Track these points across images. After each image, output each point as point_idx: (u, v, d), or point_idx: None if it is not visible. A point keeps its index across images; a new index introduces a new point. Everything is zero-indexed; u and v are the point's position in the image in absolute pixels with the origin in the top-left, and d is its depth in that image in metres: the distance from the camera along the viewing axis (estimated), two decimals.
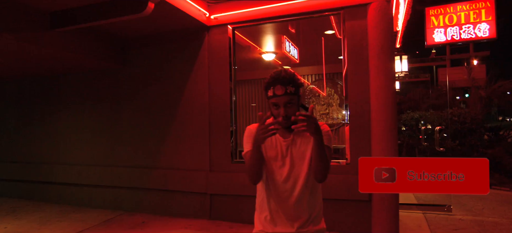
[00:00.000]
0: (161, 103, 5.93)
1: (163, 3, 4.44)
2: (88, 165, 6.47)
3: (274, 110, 1.89)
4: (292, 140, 1.94)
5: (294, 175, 1.93)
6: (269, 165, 1.94)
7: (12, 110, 7.55)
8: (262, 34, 6.90)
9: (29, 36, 4.58)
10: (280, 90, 1.82)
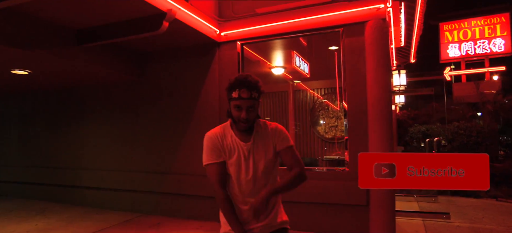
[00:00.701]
0: (175, 113, 6.40)
1: (177, 22, 4.93)
2: (110, 170, 6.97)
3: (235, 112, 1.98)
4: (253, 143, 2.06)
5: (256, 174, 2.05)
6: (232, 168, 2.05)
7: (41, 119, 8.20)
8: (271, 49, 7.31)
9: (58, 51, 5.15)
10: (246, 93, 1.90)
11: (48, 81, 7.11)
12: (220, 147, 2.06)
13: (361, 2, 5.16)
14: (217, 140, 2.07)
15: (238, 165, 2.05)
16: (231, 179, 2.08)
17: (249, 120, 1.99)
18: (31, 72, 5.98)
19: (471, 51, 18.12)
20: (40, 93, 8.16)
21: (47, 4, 4.28)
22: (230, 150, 2.06)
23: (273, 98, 10.13)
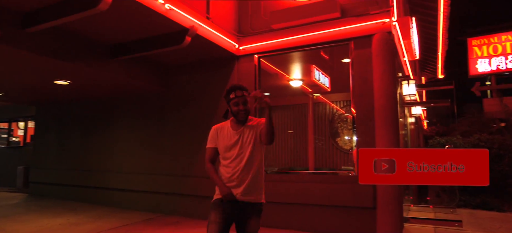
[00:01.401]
0: (197, 120, 6.91)
1: (198, 37, 5.48)
2: (135, 173, 7.57)
3: (234, 107, 2.75)
4: (242, 131, 2.79)
5: (241, 154, 2.74)
6: (225, 150, 2.79)
7: (77, 126, 9.00)
8: (289, 62, 7.72)
9: (95, 64, 5.82)
10: (239, 92, 2.73)
11: (85, 91, 7.86)
12: (215, 137, 2.88)
13: (368, 17, 5.52)
14: (215, 132, 2.91)
15: (231, 146, 2.78)
16: (224, 160, 2.80)
17: (246, 110, 2.75)
18: (70, 82, 6.72)
19: (502, 66, 17.67)
20: (77, 102, 8.97)
21: (87, 23, 4.93)
22: (224, 138, 2.82)
23: (293, 110, 10.47)
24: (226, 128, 2.84)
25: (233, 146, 2.76)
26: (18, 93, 8.64)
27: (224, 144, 2.80)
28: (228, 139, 2.79)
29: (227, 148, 2.78)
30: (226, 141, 2.80)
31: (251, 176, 2.73)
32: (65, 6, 4.40)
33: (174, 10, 4.84)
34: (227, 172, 2.75)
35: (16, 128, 13.06)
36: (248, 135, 2.77)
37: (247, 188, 2.72)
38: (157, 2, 4.59)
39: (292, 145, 10.09)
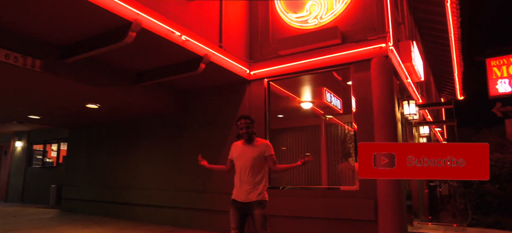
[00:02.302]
0: (213, 140, 7.48)
1: (212, 64, 6.13)
2: (157, 190, 8.17)
3: (240, 131, 3.89)
4: (248, 148, 3.89)
5: (245, 165, 3.83)
6: (236, 161, 3.94)
7: (104, 146, 9.78)
8: (299, 85, 8.24)
9: (121, 89, 6.56)
10: (243, 120, 3.88)
11: (112, 114, 8.64)
12: (233, 151, 4.05)
13: (366, 42, 6.01)
14: (232, 147, 4.09)
15: (239, 158, 3.92)
16: (236, 169, 3.95)
17: (248, 133, 3.88)
18: (100, 106, 7.50)
19: None
20: (105, 125, 9.79)
21: (115, 53, 5.67)
22: (237, 152, 3.98)
23: (306, 132, 10.85)
24: (239, 145, 3.98)
25: (240, 158, 3.89)
26: (54, 116, 9.55)
27: (235, 156, 3.96)
28: (238, 153, 3.94)
29: (236, 159, 3.93)
30: (236, 154, 3.95)
31: (252, 183, 3.79)
32: (97, 40, 5.16)
33: (189, 40, 5.52)
34: (236, 178, 3.90)
35: (50, 150, 14.11)
36: (253, 152, 3.84)
37: (249, 191, 3.77)
38: (174, 35, 5.28)
39: (306, 165, 10.43)
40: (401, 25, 8.01)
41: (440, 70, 16.80)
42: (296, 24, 6.83)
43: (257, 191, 3.75)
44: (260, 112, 6.98)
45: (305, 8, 6.76)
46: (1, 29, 4.87)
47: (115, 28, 4.82)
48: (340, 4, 6.37)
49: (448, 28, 11.52)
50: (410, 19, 10.11)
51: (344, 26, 6.31)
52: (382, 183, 5.54)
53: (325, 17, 6.50)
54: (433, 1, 10.14)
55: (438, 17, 11.04)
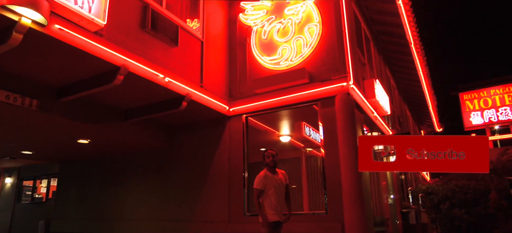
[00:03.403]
0: (196, 172, 8.03)
1: (193, 102, 6.81)
2: (144, 220, 8.59)
3: (267, 159, 4.70)
4: (278, 178, 4.69)
5: (280, 193, 4.64)
6: (270, 190, 4.59)
7: (94, 180, 10.23)
8: (278, 120, 8.90)
9: (111, 125, 7.16)
10: (270, 151, 4.74)
11: (102, 149, 9.18)
12: (264, 181, 4.62)
13: (331, 81, 6.78)
14: (264, 178, 4.64)
15: (273, 188, 4.62)
16: (268, 196, 4.59)
17: (274, 162, 4.71)
18: (90, 141, 8.06)
19: (494, 118, 18.53)
20: (95, 159, 10.28)
21: (105, 94, 6.31)
22: (268, 181, 4.63)
23: (288, 164, 11.46)
24: (269, 175, 4.66)
25: (275, 186, 4.62)
26: (46, 151, 10.04)
27: (273, 185, 4.61)
28: (274, 182, 4.63)
29: (270, 187, 4.60)
30: (273, 183, 4.62)
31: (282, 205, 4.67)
32: (89, 82, 5.82)
33: (172, 82, 6.22)
34: (271, 202, 4.57)
35: (39, 186, 14.39)
36: (283, 181, 4.74)
37: (280, 212, 4.63)
38: (158, 77, 5.98)
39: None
40: (366, 65, 8.88)
41: (416, 104, 17.75)
42: (270, 65, 7.61)
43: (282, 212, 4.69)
44: (239, 146, 7.60)
45: (278, 51, 7.57)
46: (2, 72, 5.51)
47: (105, 71, 5.50)
48: (308, 48, 7.19)
49: (416, 66, 12.45)
50: (379, 59, 11.03)
51: (311, 68, 7.10)
52: (348, 208, 6.11)
53: (295, 59, 7.29)
54: (399, 42, 11.10)
55: (406, 56, 12.00)
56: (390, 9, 9.19)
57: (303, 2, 7.46)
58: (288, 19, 7.55)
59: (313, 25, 7.22)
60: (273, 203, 4.52)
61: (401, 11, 8.90)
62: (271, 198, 4.55)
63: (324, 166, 6.66)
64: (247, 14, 8.09)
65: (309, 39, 7.20)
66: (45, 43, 4.70)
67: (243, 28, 8.23)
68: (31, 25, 4.26)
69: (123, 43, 5.53)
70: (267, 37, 7.76)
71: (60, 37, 4.61)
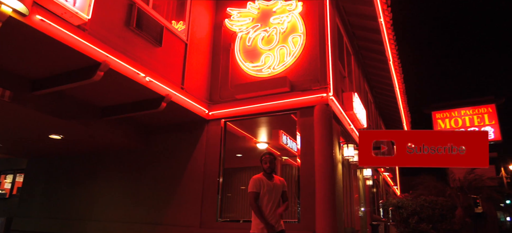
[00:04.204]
0: (170, 174, 7.94)
1: (173, 103, 6.75)
2: (113, 222, 8.37)
3: (264, 165, 4.39)
4: (274, 184, 4.38)
5: (275, 199, 4.33)
6: (265, 196, 4.27)
7: (63, 178, 9.90)
8: (257, 126, 8.95)
9: (86, 122, 6.98)
10: (268, 155, 4.45)
11: (74, 146, 8.91)
12: (259, 185, 4.31)
13: (311, 91, 6.90)
14: (258, 181, 4.32)
15: (267, 194, 4.30)
16: (263, 202, 4.27)
17: (271, 168, 4.41)
18: (63, 137, 7.82)
19: None
20: (66, 156, 9.97)
21: (83, 89, 6.16)
22: (263, 186, 4.32)
23: None
24: (264, 180, 4.35)
25: (271, 192, 4.30)
26: (14, 145, 9.66)
27: (265, 190, 4.28)
28: (267, 187, 4.31)
29: (268, 193, 4.28)
30: (266, 188, 4.30)
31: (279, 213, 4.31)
32: (67, 76, 5.68)
33: (153, 81, 6.16)
34: (268, 208, 4.25)
35: (4, 181, 13.79)
36: (279, 185, 4.43)
37: (279, 219, 4.31)
38: (139, 76, 5.91)
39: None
40: (346, 78, 9.10)
41: (391, 119, 18.27)
42: (252, 72, 7.66)
43: (281, 220, 4.38)
44: (216, 150, 7.58)
45: (261, 59, 7.64)
46: None
47: (85, 66, 5.39)
48: (290, 58, 7.30)
49: (393, 83, 12.86)
50: (358, 73, 11.33)
51: (293, 77, 7.20)
52: (320, 218, 6.20)
53: (277, 67, 7.38)
54: (379, 58, 11.45)
55: (384, 73, 12.38)
56: (372, 26, 9.48)
57: (289, 12, 7.59)
58: (273, 28, 7.65)
59: (297, 35, 7.34)
60: (265, 211, 4.23)
61: (382, 29, 9.20)
62: (263, 204, 4.25)
63: (299, 175, 6.74)
64: (233, 20, 8.14)
65: (292, 48, 7.31)
66: (25, 34, 4.56)
67: (228, 34, 8.26)
68: (11, 14, 4.13)
69: (106, 39, 5.44)
70: (251, 44, 7.83)
71: (41, 28, 4.48)
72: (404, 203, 10.31)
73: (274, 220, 4.23)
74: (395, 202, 10.47)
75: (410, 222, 9.86)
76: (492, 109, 19.30)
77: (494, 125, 19.03)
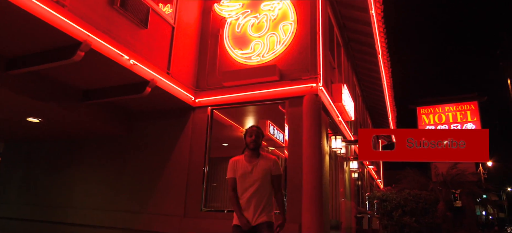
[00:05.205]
0: (154, 162, 7.70)
1: (158, 89, 6.50)
2: (93, 209, 8.09)
3: (248, 138, 3.51)
4: (253, 166, 3.43)
5: (249, 185, 3.39)
6: (241, 178, 3.43)
7: (43, 164, 9.53)
8: (244, 116, 8.78)
9: (66, 105, 6.67)
10: (253, 127, 3.60)
11: (53, 130, 8.54)
12: (234, 168, 3.49)
13: (300, 81, 6.76)
14: (233, 164, 3.52)
15: (241, 179, 3.44)
16: (239, 190, 3.44)
17: (255, 143, 3.49)
18: (42, 120, 7.47)
19: None
20: (45, 141, 9.58)
21: (62, 70, 5.86)
22: (237, 170, 3.47)
23: None
24: (241, 161, 3.50)
25: (249, 175, 3.39)
26: None
27: (240, 173, 3.43)
28: (242, 169, 3.43)
29: (242, 177, 3.41)
30: (241, 171, 3.43)
31: (263, 200, 3.37)
32: (45, 55, 5.36)
33: (137, 65, 5.89)
34: (243, 197, 3.38)
35: None
36: (262, 167, 3.42)
37: (259, 211, 3.33)
38: (123, 58, 5.63)
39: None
40: (336, 69, 8.99)
41: (377, 113, 18.35)
42: (241, 59, 7.46)
43: (267, 211, 3.39)
44: (201, 139, 7.38)
45: (250, 46, 7.44)
46: None
47: (64, 46, 5.09)
48: (280, 46, 7.12)
49: (381, 76, 12.84)
50: (348, 65, 11.23)
51: (282, 65, 7.03)
52: (307, 210, 6.10)
53: (267, 55, 7.20)
54: (368, 51, 11.37)
55: (373, 66, 12.33)
56: (363, 18, 9.36)
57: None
58: (263, 15, 7.44)
59: (288, 23, 7.16)
60: (242, 200, 3.38)
61: (373, 21, 9.09)
62: (239, 191, 3.42)
63: (286, 166, 6.61)
64: (223, 5, 7.89)
65: (282, 36, 7.13)
66: None
67: (217, 19, 8.01)
68: None
69: (87, 17, 5.15)
70: (241, 30, 7.61)
71: (17, 2, 4.18)
72: (388, 197, 10.36)
73: (251, 212, 3.33)
74: (379, 195, 10.52)
75: (394, 215, 9.92)
76: (474, 106, 19.65)
77: (475, 122, 19.38)
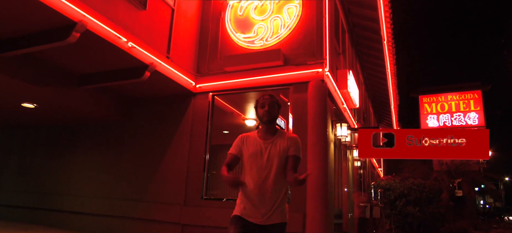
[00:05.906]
0: (153, 150, 7.49)
1: (157, 73, 6.25)
2: (91, 197, 7.91)
3: (260, 109, 2.65)
4: (272, 142, 2.59)
5: (259, 167, 2.54)
6: (250, 158, 2.57)
7: (39, 150, 9.32)
8: (244, 102, 8.53)
9: (62, 90, 6.43)
10: (268, 95, 2.69)
11: (50, 116, 8.30)
12: (240, 144, 2.68)
13: (305, 66, 6.50)
14: (240, 139, 2.72)
15: (251, 159, 2.59)
16: (245, 173, 2.61)
17: (270, 115, 2.63)
18: (37, 106, 7.23)
19: (448, 123, 19.46)
20: (41, 127, 9.36)
21: (57, 53, 5.60)
22: (247, 146, 2.64)
23: None
24: (253, 137, 2.69)
25: (261, 155, 2.56)
26: None
27: (250, 152, 2.60)
28: (254, 147, 2.60)
29: (252, 156, 2.58)
30: (251, 148, 2.60)
31: (280, 192, 2.54)
32: (39, 36, 5.10)
33: (136, 47, 5.63)
34: (251, 184, 2.53)
35: None
36: (279, 147, 2.57)
37: (275, 207, 2.51)
38: (121, 40, 5.37)
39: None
40: (341, 55, 8.72)
41: (379, 102, 18.11)
42: (244, 43, 7.19)
43: (282, 208, 2.58)
44: (202, 126, 7.16)
45: (253, 30, 7.16)
46: None
47: (59, 26, 4.83)
48: (285, 30, 6.85)
49: (385, 63, 12.57)
50: (352, 52, 10.96)
51: (286, 50, 6.77)
52: (311, 199, 5.92)
53: (270, 40, 6.93)
54: (372, 37, 11.08)
55: (377, 53, 12.05)
56: (368, 2, 9.06)
57: None
58: None
59: (293, 5, 6.87)
60: (247, 187, 2.53)
61: (379, 5, 8.80)
62: (246, 176, 2.59)
63: None
64: None
65: (287, 20, 6.85)
66: None
67: (218, 1, 7.71)
68: None
69: None
70: (243, 13, 7.32)
71: None
72: (392, 186, 10.21)
73: (262, 206, 2.49)
74: (383, 184, 10.37)
75: (397, 205, 9.79)
76: (478, 95, 19.41)
77: (478, 111, 19.17)
